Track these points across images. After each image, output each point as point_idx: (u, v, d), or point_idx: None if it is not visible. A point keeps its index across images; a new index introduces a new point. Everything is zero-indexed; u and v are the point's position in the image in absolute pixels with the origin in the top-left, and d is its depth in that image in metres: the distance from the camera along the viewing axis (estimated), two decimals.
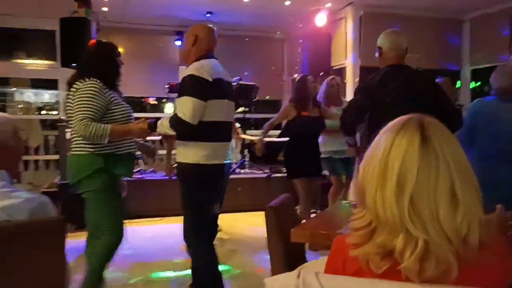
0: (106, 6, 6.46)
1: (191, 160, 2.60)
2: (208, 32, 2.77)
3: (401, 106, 2.50)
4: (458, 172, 0.91)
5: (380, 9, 6.52)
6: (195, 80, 2.50)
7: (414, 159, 0.92)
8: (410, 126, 0.97)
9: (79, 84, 2.63)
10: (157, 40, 7.94)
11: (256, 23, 7.54)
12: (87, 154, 2.64)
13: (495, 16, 6.51)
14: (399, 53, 2.81)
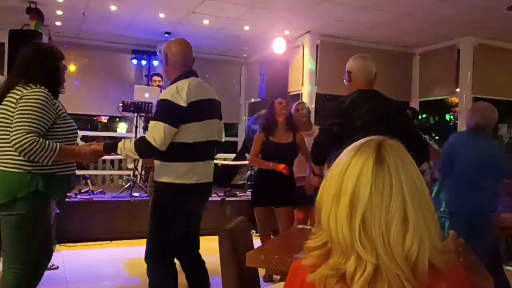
0: (60, 21, 6.26)
1: (165, 179, 2.55)
2: (180, 48, 2.64)
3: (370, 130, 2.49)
4: (412, 195, 0.91)
5: (336, 39, 6.73)
6: (168, 106, 2.44)
7: (367, 179, 0.92)
8: (368, 147, 0.98)
9: (22, 91, 2.24)
10: (112, 57, 7.77)
11: (215, 46, 7.56)
12: (22, 173, 2.24)
13: (443, 51, 6.88)
14: (369, 78, 2.78)
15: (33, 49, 2.43)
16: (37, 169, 2.26)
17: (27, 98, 2.21)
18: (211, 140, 2.69)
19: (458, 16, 5.50)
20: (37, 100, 2.22)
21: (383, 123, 2.56)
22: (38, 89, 2.26)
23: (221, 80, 8.54)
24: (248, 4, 5.37)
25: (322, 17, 5.85)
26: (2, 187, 2.24)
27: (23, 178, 2.24)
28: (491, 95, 6.75)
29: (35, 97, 2.23)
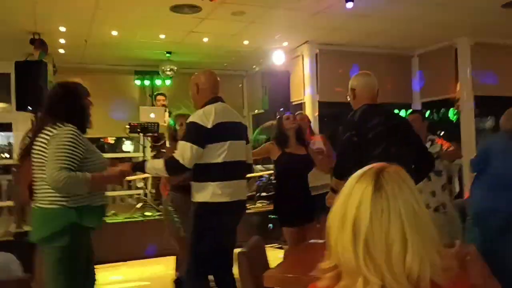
0: (63, 49, 6.39)
1: (201, 199, 2.80)
2: (208, 78, 3.00)
3: (382, 142, 2.66)
4: (410, 219, 0.98)
5: (334, 47, 6.82)
6: (195, 127, 2.76)
7: (367, 207, 0.99)
8: (368, 175, 1.05)
9: (53, 131, 2.38)
10: (116, 79, 7.89)
11: (216, 61, 7.66)
12: (58, 208, 2.37)
13: (441, 51, 6.95)
14: (373, 93, 2.88)
15: (59, 89, 2.58)
16: (72, 203, 2.39)
17: (58, 137, 2.36)
18: (240, 160, 2.95)
19: (454, 18, 5.57)
20: (67, 138, 2.36)
21: (391, 134, 2.70)
22: (67, 127, 2.39)
23: (224, 94, 8.59)
24: (246, 20, 5.47)
25: (319, 27, 5.95)
26: (42, 223, 2.40)
27: (60, 213, 2.37)
28: (491, 92, 6.81)
29: (65, 135, 2.37)
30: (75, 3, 4.74)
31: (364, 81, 2.89)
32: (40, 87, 5.69)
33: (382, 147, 2.64)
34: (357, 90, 2.88)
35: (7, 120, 7.29)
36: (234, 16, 5.28)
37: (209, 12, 5.04)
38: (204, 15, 5.17)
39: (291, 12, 5.26)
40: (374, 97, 2.88)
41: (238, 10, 5.09)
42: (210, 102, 2.90)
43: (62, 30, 5.60)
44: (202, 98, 2.94)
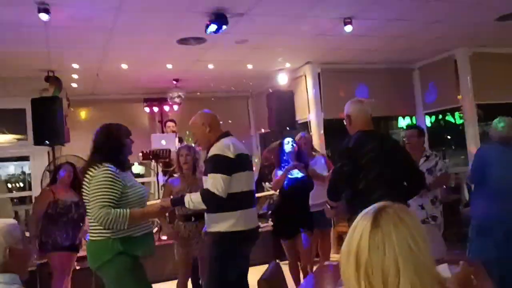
0: (75, 83, 6.66)
1: (222, 229, 2.91)
2: (213, 117, 3.22)
3: (376, 166, 2.92)
4: (403, 252, 1.14)
5: (336, 65, 7.02)
6: (221, 159, 2.90)
7: (365, 242, 1.16)
8: (369, 213, 1.22)
9: (93, 171, 2.66)
10: (126, 108, 8.13)
11: (221, 84, 7.90)
12: (105, 239, 2.65)
13: (441, 63, 7.12)
14: (367, 120, 3.11)
15: (102, 131, 2.86)
16: (115, 234, 2.66)
17: (97, 178, 2.65)
18: (252, 189, 3.14)
19: (450, 31, 5.75)
20: (104, 178, 2.65)
21: (385, 159, 2.95)
22: (104, 167, 2.67)
23: (230, 115, 8.78)
24: (249, 47, 5.70)
25: (319, 49, 6.16)
26: (92, 254, 2.72)
27: (105, 244, 2.66)
28: (493, 100, 6.95)
29: (102, 175, 2.65)
30: (87, 43, 4.99)
31: (358, 109, 3.13)
32: (56, 121, 5.93)
33: (377, 170, 2.90)
34: (352, 116, 3.12)
35: (24, 153, 7.53)
36: (237, 44, 5.51)
37: (214, 42, 5.27)
38: (209, 45, 5.40)
39: (291, 37, 5.49)
40: (368, 123, 3.11)
41: (241, 39, 5.32)
42: (222, 136, 3.08)
43: (75, 67, 5.86)
44: (215, 133, 3.11)
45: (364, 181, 2.89)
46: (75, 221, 4.37)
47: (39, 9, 3.78)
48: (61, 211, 4.32)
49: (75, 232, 4.39)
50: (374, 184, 2.86)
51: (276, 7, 4.41)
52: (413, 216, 1.22)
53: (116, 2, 3.93)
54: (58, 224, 4.30)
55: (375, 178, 2.88)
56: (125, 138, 2.87)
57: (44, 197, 4.48)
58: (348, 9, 4.66)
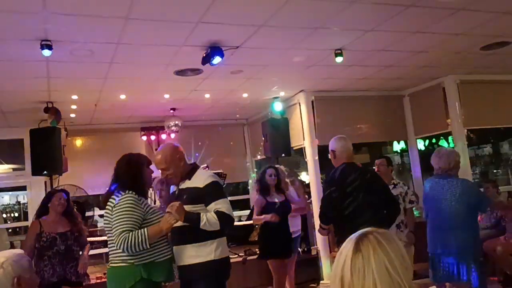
0: (74, 113, 6.78)
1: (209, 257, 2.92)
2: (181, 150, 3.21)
3: (357, 194, 3.33)
4: (381, 275, 1.24)
5: (329, 93, 7.21)
6: (221, 185, 3.10)
7: (348, 265, 1.27)
8: (353, 239, 1.33)
9: (115, 199, 2.79)
10: (123, 137, 8.23)
11: (216, 113, 8.07)
12: (127, 266, 2.72)
13: (430, 90, 7.33)
14: (350, 154, 3.58)
15: (123, 160, 2.99)
16: (138, 261, 2.74)
17: (119, 205, 2.76)
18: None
19: (437, 60, 5.97)
20: (126, 205, 2.76)
21: (366, 187, 3.40)
22: (126, 195, 2.79)
23: (226, 142, 9.00)
24: (244, 77, 5.88)
25: (312, 78, 6.35)
26: (115, 281, 2.77)
27: (128, 270, 2.72)
28: (481, 125, 7.13)
29: (124, 202, 2.77)
30: (87, 75, 5.15)
31: (341, 145, 3.60)
32: (55, 151, 6.03)
33: (359, 198, 3.33)
34: (336, 152, 3.59)
35: (21, 183, 7.59)
36: (232, 75, 5.69)
37: (210, 73, 5.45)
38: (205, 75, 5.57)
39: (285, 67, 5.68)
40: (351, 156, 3.58)
41: (236, 70, 5.50)
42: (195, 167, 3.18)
43: (74, 98, 6.00)
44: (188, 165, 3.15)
45: (350, 207, 3.31)
46: (61, 254, 4.06)
47: (42, 45, 3.93)
48: (44, 244, 4.02)
49: (64, 266, 4.06)
50: (359, 210, 3.29)
51: (269, 40, 4.60)
52: (393, 240, 1.31)
53: (116, 37, 4.10)
54: (44, 258, 4.01)
55: (360, 204, 3.30)
56: (145, 166, 2.98)
57: (32, 229, 4.19)
58: (338, 41, 4.86)
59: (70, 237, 4.14)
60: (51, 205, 4.20)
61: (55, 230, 4.08)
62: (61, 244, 4.05)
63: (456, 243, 3.47)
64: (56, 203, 4.19)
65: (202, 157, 8.12)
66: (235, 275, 6.08)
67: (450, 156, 3.74)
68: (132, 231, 2.67)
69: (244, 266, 6.51)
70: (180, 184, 3.10)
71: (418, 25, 4.55)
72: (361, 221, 3.12)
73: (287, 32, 4.42)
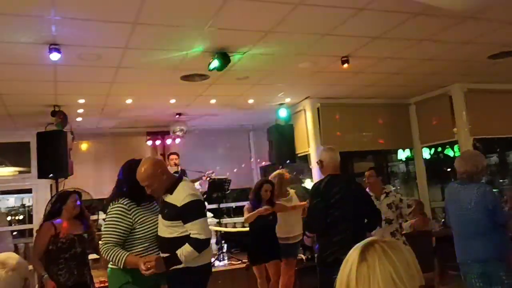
0: (81, 117, 6.82)
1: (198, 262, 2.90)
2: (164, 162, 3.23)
3: (342, 205, 3.53)
4: (386, 283, 1.24)
5: (334, 100, 7.20)
6: (200, 204, 3.02)
7: (353, 274, 1.28)
8: (359, 248, 1.33)
9: (109, 208, 2.90)
10: (128, 141, 8.27)
11: (222, 118, 8.08)
12: (116, 268, 2.84)
13: (436, 98, 7.31)
14: (336, 165, 3.74)
15: (125, 166, 3.07)
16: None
17: (109, 213, 2.87)
18: None
19: (444, 68, 5.96)
20: (114, 215, 2.85)
21: (350, 199, 3.58)
22: (116, 204, 2.87)
23: (232, 148, 9.01)
24: (250, 83, 5.89)
25: (318, 84, 6.35)
26: (109, 281, 2.95)
27: (117, 273, 2.85)
28: (488, 134, 7.09)
29: (113, 213, 2.86)
30: (94, 79, 5.18)
31: (330, 156, 3.73)
32: (61, 155, 6.06)
33: (342, 208, 3.51)
34: (324, 162, 3.74)
35: (27, 186, 7.61)
36: (239, 80, 5.70)
37: (216, 78, 5.46)
38: (211, 81, 5.59)
39: (291, 74, 5.68)
40: (337, 168, 3.73)
41: (243, 76, 5.51)
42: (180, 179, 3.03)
43: (81, 102, 6.03)
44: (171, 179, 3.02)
45: (331, 217, 3.52)
46: (78, 256, 3.86)
47: (50, 49, 3.96)
48: (62, 246, 3.79)
49: (80, 269, 3.86)
50: (339, 219, 3.50)
51: (276, 47, 4.60)
52: (398, 249, 1.31)
53: (124, 41, 4.12)
54: (59, 261, 3.78)
55: (339, 214, 3.50)
56: None
57: (44, 231, 3.91)
58: (345, 48, 4.87)
59: (86, 239, 3.98)
60: (66, 207, 3.94)
61: (73, 232, 3.86)
62: (79, 247, 3.84)
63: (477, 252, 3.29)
64: (72, 205, 3.94)
65: (207, 162, 8.12)
66: (238, 281, 6.15)
67: (478, 159, 3.48)
68: (114, 245, 2.80)
69: (247, 272, 6.47)
70: (164, 196, 3.01)
71: (426, 33, 4.55)
72: (340, 229, 3.46)
73: (294, 39, 4.42)
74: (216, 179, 7.00)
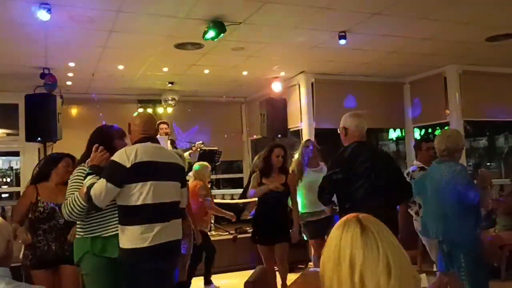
0: (70, 81, 6.69)
1: (123, 245, 2.64)
2: (142, 120, 2.88)
3: (370, 175, 3.05)
4: (392, 252, 1.23)
5: (329, 76, 7.15)
6: (113, 166, 2.61)
7: (359, 245, 1.24)
8: (351, 221, 1.30)
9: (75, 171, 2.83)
10: (119, 108, 8.15)
11: (215, 90, 8.00)
12: (79, 238, 2.76)
13: (431, 79, 7.28)
14: (363, 133, 3.25)
15: (95, 131, 2.96)
16: (87, 234, 2.74)
17: (72, 176, 2.81)
18: (167, 201, 2.73)
19: (441, 49, 5.92)
20: (75, 177, 2.78)
21: (379, 169, 3.09)
22: (79, 167, 2.81)
23: (223, 120, 8.95)
24: (245, 54, 5.80)
25: (314, 59, 6.28)
26: (74, 251, 2.81)
27: (80, 242, 2.76)
28: (480, 117, 7.12)
29: (75, 174, 2.80)
30: (85, 42, 5.05)
31: (356, 122, 3.24)
32: (50, 119, 5.96)
33: (370, 179, 3.04)
34: (349, 129, 3.23)
35: (15, 149, 7.53)
36: (234, 51, 5.60)
37: (211, 48, 5.36)
38: (205, 50, 5.49)
39: (287, 47, 5.60)
40: (363, 136, 3.25)
41: (238, 46, 5.41)
42: (138, 142, 2.78)
43: (71, 65, 5.90)
44: (133, 137, 2.86)
45: (362, 190, 3.03)
46: (60, 229, 3.41)
47: (41, 8, 3.83)
48: (40, 215, 3.40)
49: (61, 244, 3.41)
50: (371, 193, 3.01)
51: (273, 18, 4.51)
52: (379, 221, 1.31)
53: (117, 4, 4.00)
54: (38, 232, 3.38)
55: (371, 187, 3.02)
56: (115, 140, 2.86)
57: (26, 195, 3.55)
58: (343, 23, 4.79)
59: None
60: (55, 171, 3.56)
61: (55, 200, 3.42)
62: (60, 217, 3.34)
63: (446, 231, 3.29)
64: (64, 170, 3.53)
65: (197, 133, 8.09)
66: (224, 253, 6.21)
67: (458, 135, 3.48)
68: None
69: (234, 244, 6.54)
70: None
71: (425, 10, 4.48)
72: (370, 205, 2.83)
73: (292, 10, 4.33)
74: (206, 150, 6.97)
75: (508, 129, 10.37)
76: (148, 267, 2.64)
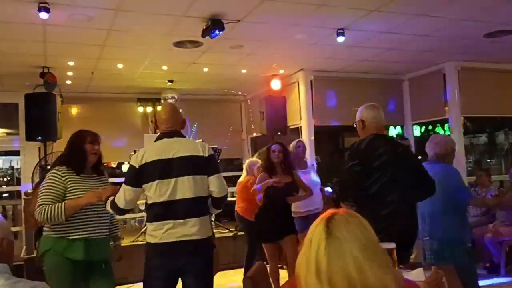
0: (70, 80, 6.70)
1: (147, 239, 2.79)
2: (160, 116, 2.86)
3: (388, 169, 2.90)
4: (361, 252, 1.18)
5: (328, 73, 7.15)
6: (129, 169, 2.82)
7: (323, 250, 1.20)
8: (321, 223, 1.26)
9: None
10: (119, 107, 8.19)
11: (215, 87, 8.01)
12: (44, 236, 2.95)
13: (430, 75, 7.29)
14: (381, 125, 3.13)
15: (70, 137, 3.10)
16: (50, 233, 2.92)
17: (45, 179, 2.95)
18: (178, 199, 2.68)
19: (440, 45, 5.92)
20: (48, 180, 2.92)
21: (397, 163, 2.95)
22: (52, 171, 2.95)
23: (223, 118, 8.96)
24: (244, 52, 5.80)
25: (313, 57, 6.29)
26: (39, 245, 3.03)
27: (44, 240, 2.95)
28: (479, 113, 7.12)
29: (47, 178, 2.94)
30: (84, 41, 5.05)
31: (374, 114, 3.11)
32: (50, 118, 5.98)
33: (389, 174, 2.88)
34: (366, 122, 3.10)
35: (15, 148, 7.55)
36: (232, 49, 5.61)
37: (210, 46, 5.37)
38: (204, 49, 5.49)
39: (286, 44, 5.60)
40: (382, 128, 3.14)
41: (237, 44, 5.42)
42: (157, 139, 2.81)
43: (70, 64, 5.91)
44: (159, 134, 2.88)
45: (377, 185, 2.87)
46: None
47: (40, 8, 3.84)
48: None
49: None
50: (387, 188, 2.85)
51: (272, 15, 4.52)
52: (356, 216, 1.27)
53: (116, 3, 4.01)
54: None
55: (388, 181, 2.86)
56: (85, 144, 2.99)
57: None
58: (341, 20, 4.79)
59: None
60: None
61: None
62: None
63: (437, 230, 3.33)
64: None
65: (197, 131, 8.09)
66: (225, 250, 6.23)
67: (447, 142, 3.56)
68: (49, 205, 2.82)
69: (234, 241, 6.57)
70: None
71: (424, 7, 4.49)
72: (389, 200, 2.82)
73: (291, 7, 4.33)
74: None
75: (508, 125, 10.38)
76: (159, 263, 2.70)
